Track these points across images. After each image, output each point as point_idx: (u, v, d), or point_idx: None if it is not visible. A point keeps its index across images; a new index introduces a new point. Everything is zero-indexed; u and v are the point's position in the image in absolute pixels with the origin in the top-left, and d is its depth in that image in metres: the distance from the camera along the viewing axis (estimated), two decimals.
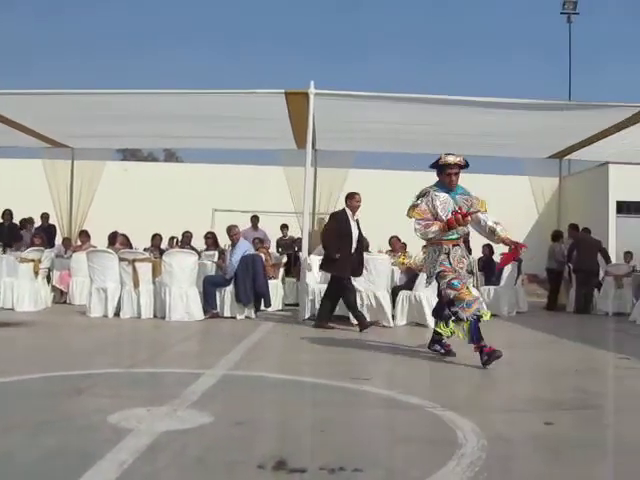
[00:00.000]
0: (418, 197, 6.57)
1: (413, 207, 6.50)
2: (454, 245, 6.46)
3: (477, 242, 13.15)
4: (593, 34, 68.32)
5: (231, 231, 10.76)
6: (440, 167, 6.54)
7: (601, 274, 13.57)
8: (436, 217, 6.40)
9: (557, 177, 16.46)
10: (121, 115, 11.53)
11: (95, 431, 3.57)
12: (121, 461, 2.99)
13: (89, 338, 8.10)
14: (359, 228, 9.42)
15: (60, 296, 12.38)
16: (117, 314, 10.00)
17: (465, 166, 6.55)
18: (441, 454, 3.28)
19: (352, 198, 9.41)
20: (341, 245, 9.22)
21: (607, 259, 13.89)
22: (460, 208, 6.33)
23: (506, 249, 6.80)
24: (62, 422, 3.74)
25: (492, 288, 12.54)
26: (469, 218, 6.33)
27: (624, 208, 20.23)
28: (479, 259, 12.97)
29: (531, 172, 15.58)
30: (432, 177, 6.74)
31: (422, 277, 10.04)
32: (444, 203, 6.44)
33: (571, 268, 13.91)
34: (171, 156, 38.45)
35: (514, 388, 5.32)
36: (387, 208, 17.84)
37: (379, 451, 3.40)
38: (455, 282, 6.23)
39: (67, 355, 6.48)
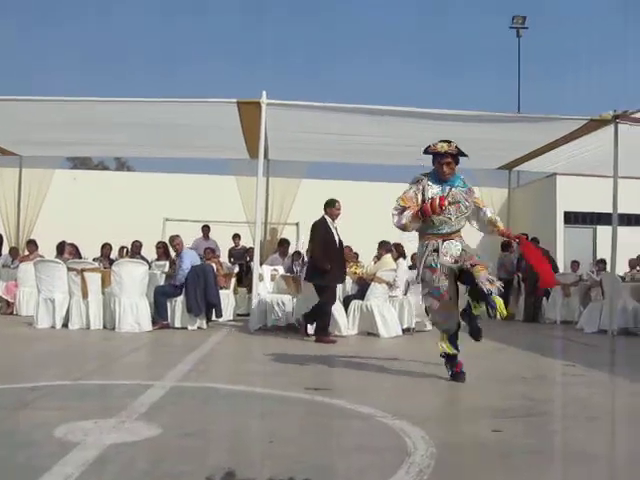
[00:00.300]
0: (411, 184, 5.97)
1: (403, 195, 5.90)
2: (445, 239, 5.81)
3: None
4: (542, 47, 69.66)
5: (174, 241, 10.73)
6: (432, 156, 5.92)
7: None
8: None
9: (507, 188, 16.72)
10: (71, 123, 11.36)
11: (40, 445, 3.49)
12: (67, 475, 2.93)
13: (36, 350, 7.94)
14: (338, 235, 9.42)
15: (7, 307, 12.14)
16: (65, 325, 9.83)
17: (460, 154, 5.85)
18: (391, 463, 3.30)
19: (332, 206, 9.39)
20: (328, 254, 9.19)
21: (555, 269, 14.13)
22: (441, 198, 5.60)
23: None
24: (6, 436, 3.67)
25: None
26: (445, 203, 5.59)
27: (571, 218, 20.62)
28: None
29: (481, 183, 15.81)
30: (386, 188, 6.76)
31: (374, 287, 10.14)
32: (437, 195, 5.72)
33: (520, 277, 14.13)
34: (122, 165, 38.03)
35: (463, 396, 5.38)
36: (339, 218, 17.95)
37: (329, 461, 3.40)
38: (435, 291, 5.78)
39: (12, 367, 6.35)
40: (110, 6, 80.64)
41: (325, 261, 9.13)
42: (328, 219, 9.36)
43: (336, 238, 9.34)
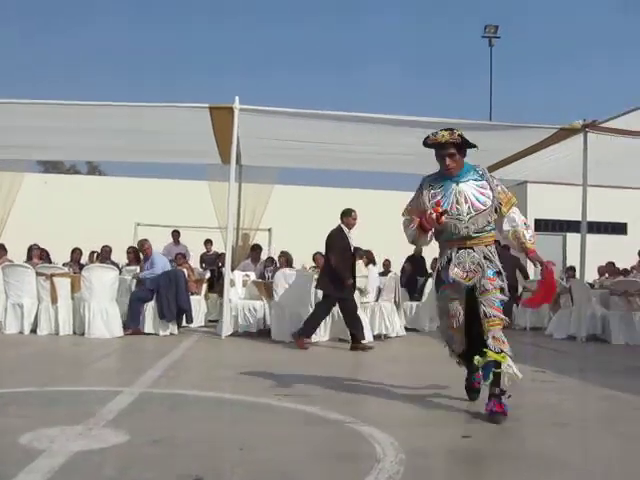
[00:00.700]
0: (417, 190, 5.09)
1: (408, 204, 5.14)
2: (461, 247, 4.82)
3: (400, 253, 13.39)
4: (514, 57, 70.40)
5: (143, 245, 10.69)
6: (434, 150, 4.92)
7: (520, 290, 13.92)
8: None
9: None
10: (42, 126, 11.23)
11: (5, 452, 3.44)
12: None
13: (2, 356, 7.84)
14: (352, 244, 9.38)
15: None
16: (34, 331, 9.72)
17: (465, 144, 4.84)
18: (360, 469, 3.30)
19: (349, 215, 9.32)
20: (346, 265, 9.17)
21: (525, 275, 14.24)
22: (436, 205, 4.71)
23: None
24: None
25: (414, 304, 12.72)
26: (443, 219, 4.65)
27: (542, 226, 20.87)
28: (401, 274, 13.15)
29: None
30: (358, 194, 6.74)
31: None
32: (437, 196, 4.84)
33: None
34: (94, 169, 37.76)
35: (433, 402, 5.39)
36: (311, 224, 17.97)
37: (298, 468, 3.39)
38: (449, 309, 4.93)
39: None
40: (88, 10, 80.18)
41: (347, 273, 9.12)
42: (345, 228, 9.31)
43: (352, 248, 9.34)
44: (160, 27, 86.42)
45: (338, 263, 9.15)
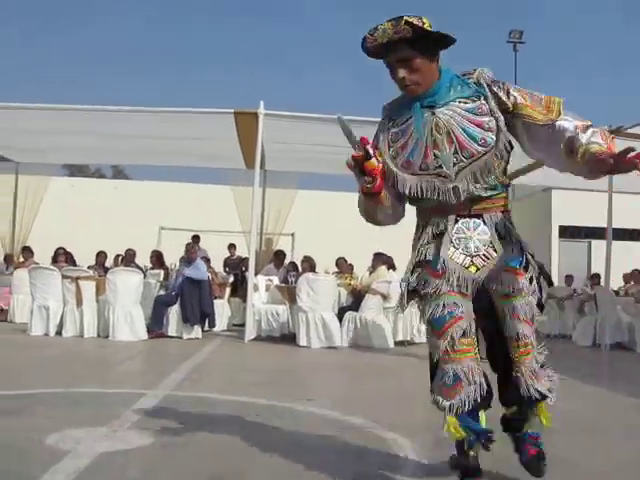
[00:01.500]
0: None
1: None
2: (460, 215, 2.93)
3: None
4: (538, 61, 70.06)
5: (192, 248, 10.96)
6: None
7: (544, 296, 13.83)
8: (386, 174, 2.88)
9: None
10: (68, 131, 11.37)
11: (31, 453, 3.48)
12: None
13: (29, 357, 7.92)
14: None
15: (0, 313, 12.10)
16: (59, 333, 9.81)
17: (429, 36, 2.77)
18: (382, 475, 3.30)
19: None
20: None
21: (549, 282, 14.15)
22: (364, 140, 2.76)
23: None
24: None
25: None
26: (377, 164, 2.76)
27: (566, 232, 20.71)
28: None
29: None
30: None
31: (368, 299, 10.14)
32: (399, 139, 2.92)
33: None
34: (119, 173, 38.08)
35: None
36: (334, 229, 17.99)
37: (320, 473, 3.39)
38: (438, 315, 2.87)
39: (4, 374, 6.32)
40: (109, 12, 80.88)
41: None
42: None
43: None
44: (165, 27, 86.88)
45: None
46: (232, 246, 15.35)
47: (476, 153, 2.82)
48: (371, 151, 2.73)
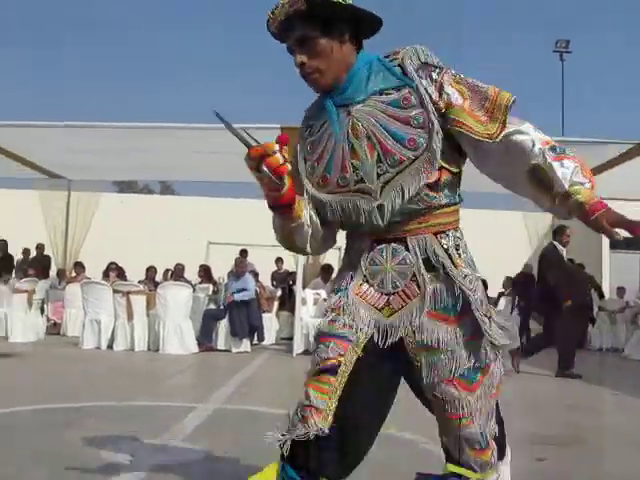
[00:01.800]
0: None
1: None
2: (379, 241, 2.19)
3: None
4: (586, 71, 69.17)
5: (241, 262, 11.16)
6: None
7: (595, 310, 13.61)
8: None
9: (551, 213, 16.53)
10: (117, 148, 11.59)
11: (86, 465, 3.55)
12: None
13: (81, 370, 8.06)
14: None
15: (53, 327, 12.35)
16: (110, 346, 9.97)
17: (329, 8, 2.10)
18: None
19: (562, 233, 9.01)
20: (570, 286, 8.90)
21: (601, 295, 13.93)
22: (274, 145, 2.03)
23: None
24: (53, 455, 3.72)
25: None
26: (280, 164, 1.99)
27: (618, 243, 20.32)
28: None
29: (524, 207, 15.62)
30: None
31: None
32: (317, 145, 2.25)
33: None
34: (167, 189, 38.57)
35: (506, 423, 5.31)
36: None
37: None
38: (322, 349, 2.19)
39: (59, 387, 6.45)
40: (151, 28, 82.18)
41: (566, 292, 8.77)
42: (558, 246, 9.03)
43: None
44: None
45: (557, 282, 8.75)
46: (279, 260, 15.43)
47: (404, 159, 2.07)
48: (277, 146, 2.00)
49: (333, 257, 15.77)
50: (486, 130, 2.06)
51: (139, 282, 11.69)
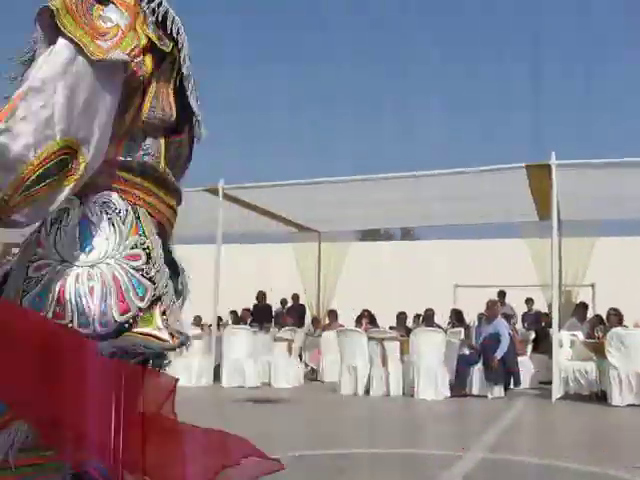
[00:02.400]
0: None
1: None
2: None
3: None
4: None
5: (494, 305, 11.02)
6: None
7: None
8: None
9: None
10: (361, 199, 12.04)
11: None
12: None
13: (342, 416, 8.32)
14: None
15: (311, 373, 12.91)
16: (367, 392, 10.21)
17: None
18: None
19: None
20: None
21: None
22: None
23: None
24: None
25: None
26: None
27: None
28: None
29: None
30: None
31: None
32: None
33: None
34: (407, 233, 39.03)
35: None
36: None
37: None
38: None
39: (321, 433, 6.69)
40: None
41: None
42: None
43: None
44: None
45: None
46: (529, 300, 14.98)
47: None
48: None
49: (586, 295, 15.07)
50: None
51: (390, 328, 11.91)
